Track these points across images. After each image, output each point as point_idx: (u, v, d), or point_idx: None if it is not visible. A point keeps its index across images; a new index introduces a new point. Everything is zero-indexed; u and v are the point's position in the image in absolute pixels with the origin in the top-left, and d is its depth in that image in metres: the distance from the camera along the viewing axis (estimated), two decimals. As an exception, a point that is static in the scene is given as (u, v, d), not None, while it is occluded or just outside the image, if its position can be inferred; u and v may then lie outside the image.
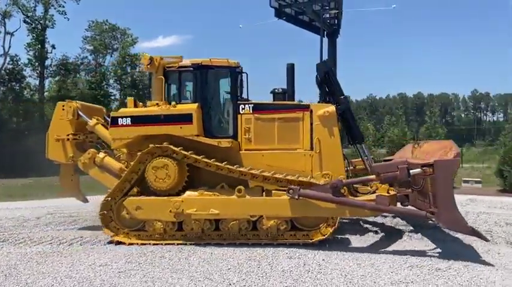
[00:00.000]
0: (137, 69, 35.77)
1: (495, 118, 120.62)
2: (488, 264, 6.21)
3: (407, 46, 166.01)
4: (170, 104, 8.25)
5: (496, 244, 7.60)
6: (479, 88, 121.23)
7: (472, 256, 6.73)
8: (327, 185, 7.33)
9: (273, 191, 7.73)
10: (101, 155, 8.92)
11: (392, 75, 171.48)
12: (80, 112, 9.36)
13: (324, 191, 7.27)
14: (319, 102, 8.99)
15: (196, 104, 8.23)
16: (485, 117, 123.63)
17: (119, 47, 37.73)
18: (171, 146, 7.85)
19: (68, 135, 9.29)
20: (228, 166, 7.75)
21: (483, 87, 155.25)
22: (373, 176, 7.38)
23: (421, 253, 6.92)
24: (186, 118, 8.03)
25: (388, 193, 7.62)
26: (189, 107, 8.17)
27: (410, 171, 6.70)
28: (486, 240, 6.86)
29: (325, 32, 31.79)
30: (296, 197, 7.25)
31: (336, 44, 35.22)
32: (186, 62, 8.52)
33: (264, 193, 7.83)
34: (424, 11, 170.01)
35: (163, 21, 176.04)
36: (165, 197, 7.83)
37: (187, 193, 7.90)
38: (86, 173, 9.12)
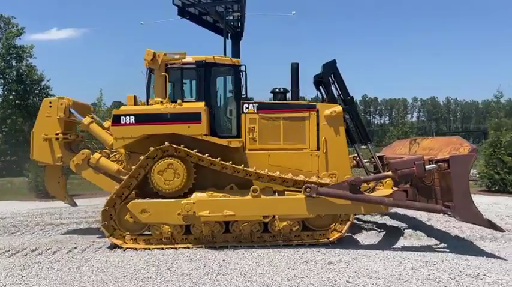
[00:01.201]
0: (23, 63, 32.43)
1: (382, 121, 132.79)
2: (374, 255, 6.76)
3: (307, 51, 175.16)
4: (173, 102, 7.91)
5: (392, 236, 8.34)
6: (368, 93, 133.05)
7: (364, 248, 7.33)
8: (345, 182, 7.31)
9: (286, 192, 7.67)
10: (96, 155, 8.40)
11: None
12: (72, 110, 8.67)
13: (341, 188, 7.27)
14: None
15: (203, 102, 7.96)
16: (373, 120, 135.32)
17: (2, 38, 33.91)
18: (188, 149, 7.54)
19: (57, 134, 8.55)
20: (246, 169, 7.60)
21: (372, 93, 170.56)
22: (389, 173, 7.45)
23: (315, 248, 7.28)
24: (194, 117, 7.70)
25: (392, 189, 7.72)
26: (197, 106, 7.88)
27: (426, 167, 6.92)
28: (502, 230, 7.04)
29: (229, 34, 32.04)
30: (314, 195, 7.19)
31: (239, 46, 35.86)
32: (189, 59, 8.27)
33: (276, 193, 7.70)
34: (321, 19, 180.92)
35: (58, 13, 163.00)
36: (173, 199, 7.48)
37: (195, 194, 7.55)
38: (78, 174, 8.65)
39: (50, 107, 8.64)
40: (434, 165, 6.94)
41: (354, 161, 9.63)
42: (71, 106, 8.71)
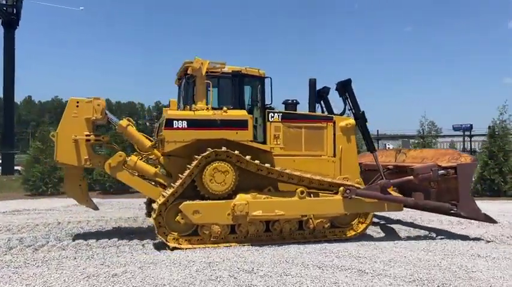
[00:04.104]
0: None
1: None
2: (161, 262, 6.76)
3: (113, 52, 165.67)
4: (214, 109, 8.47)
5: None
6: (161, 100, 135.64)
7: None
8: (377, 185, 8.58)
9: (320, 193, 8.67)
10: (134, 158, 8.62)
11: (79, 79, 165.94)
12: (107, 111, 8.68)
13: (375, 190, 8.51)
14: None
15: (245, 110, 8.66)
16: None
17: None
18: (237, 153, 8.07)
19: (87, 135, 8.45)
20: (300, 174, 8.56)
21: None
22: (411, 177, 8.59)
23: (99, 262, 6.87)
24: (242, 124, 8.37)
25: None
26: (243, 113, 8.54)
27: (438, 172, 8.36)
28: (495, 222, 8.75)
29: (1, 20, 27.70)
30: (353, 196, 8.31)
31: (14, 35, 31.36)
32: (226, 68, 8.78)
33: (311, 195, 8.57)
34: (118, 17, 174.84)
35: None
36: (224, 201, 8.05)
37: (240, 196, 8.12)
38: (112, 176, 8.68)
39: (77, 106, 8.46)
40: (443, 171, 8.37)
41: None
42: (105, 107, 8.65)
